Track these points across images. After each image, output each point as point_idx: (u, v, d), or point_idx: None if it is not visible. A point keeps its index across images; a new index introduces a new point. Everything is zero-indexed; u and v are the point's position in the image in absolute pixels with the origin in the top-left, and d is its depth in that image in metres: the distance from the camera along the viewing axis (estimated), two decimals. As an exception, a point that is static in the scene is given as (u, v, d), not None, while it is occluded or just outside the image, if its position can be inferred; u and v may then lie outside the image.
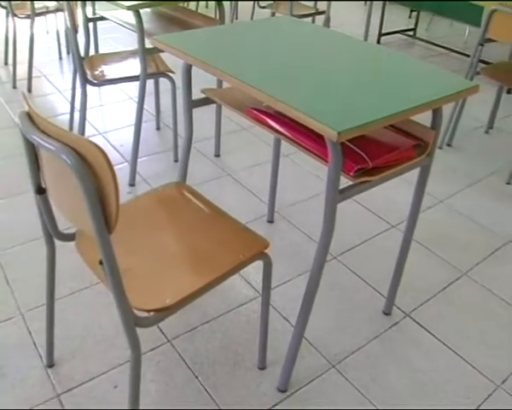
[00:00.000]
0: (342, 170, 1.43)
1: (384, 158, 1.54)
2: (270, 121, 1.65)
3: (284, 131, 1.61)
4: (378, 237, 2.58)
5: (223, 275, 1.42)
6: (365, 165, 1.47)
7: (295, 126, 1.60)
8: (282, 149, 2.94)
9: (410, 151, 1.62)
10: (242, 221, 1.63)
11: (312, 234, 2.53)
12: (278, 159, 2.46)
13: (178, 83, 3.17)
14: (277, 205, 2.66)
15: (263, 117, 1.67)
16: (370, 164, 1.48)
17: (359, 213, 2.74)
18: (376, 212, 2.75)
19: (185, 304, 1.35)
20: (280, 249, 2.43)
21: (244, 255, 1.49)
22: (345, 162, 1.45)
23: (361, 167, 1.47)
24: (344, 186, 1.48)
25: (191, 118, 1.92)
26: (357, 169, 1.45)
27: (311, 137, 1.54)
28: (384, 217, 2.72)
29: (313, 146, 1.52)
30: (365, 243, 2.53)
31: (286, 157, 2.88)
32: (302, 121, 1.34)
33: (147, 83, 2.69)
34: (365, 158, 1.49)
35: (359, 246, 2.51)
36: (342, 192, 1.46)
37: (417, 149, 1.65)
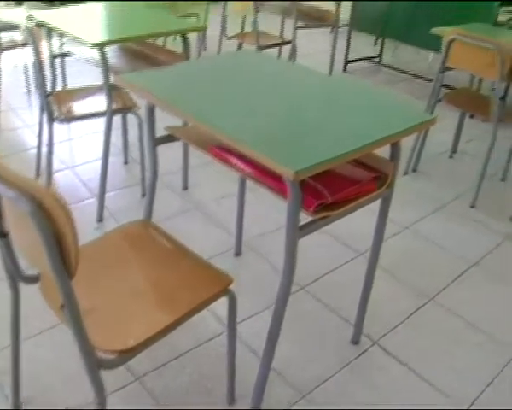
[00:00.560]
0: (302, 206, 1.45)
1: (344, 192, 1.57)
2: (232, 159, 1.68)
3: (246, 168, 1.63)
4: (345, 266, 2.61)
5: (186, 314, 1.43)
6: (325, 200, 1.51)
7: (256, 164, 1.63)
8: (249, 182, 2.96)
9: (371, 184, 1.66)
10: (210, 255, 1.64)
11: (279, 265, 2.53)
12: (244, 191, 2.48)
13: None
14: (245, 237, 2.68)
15: (225, 155, 1.70)
16: (330, 199, 1.52)
17: (326, 241, 2.77)
18: (343, 240, 2.79)
19: (149, 344, 1.36)
20: (247, 282, 2.45)
21: (207, 293, 1.50)
22: (304, 198, 1.48)
23: (321, 203, 1.50)
24: (304, 222, 1.51)
25: (155, 156, 1.94)
26: (317, 205, 1.48)
27: (271, 174, 1.57)
28: (351, 245, 2.76)
29: (273, 183, 1.55)
30: (333, 272, 2.56)
31: (252, 190, 2.92)
32: (261, 161, 1.37)
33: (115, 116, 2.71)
34: (325, 194, 1.53)
35: (327, 275, 2.53)
36: (302, 228, 1.49)
37: (377, 182, 1.69)
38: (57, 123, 2.78)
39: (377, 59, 5.90)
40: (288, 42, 4.22)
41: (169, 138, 1.97)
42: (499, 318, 2.36)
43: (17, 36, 4.07)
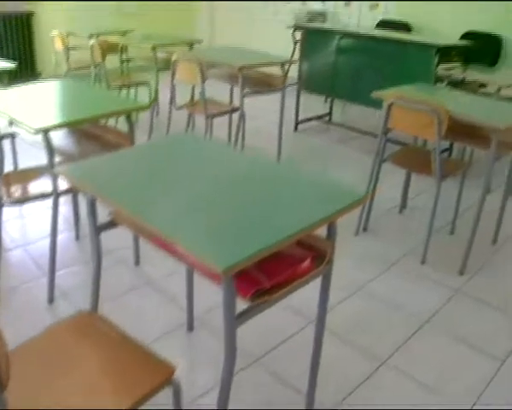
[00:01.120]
0: (238, 294, 1.47)
1: (282, 276, 1.60)
2: (171, 248, 1.69)
3: (184, 258, 1.65)
4: (298, 334, 2.62)
5: (127, 412, 1.42)
6: (262, 286, 1.53)
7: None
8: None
9: (309, 264, 1.70)
10: (163, 331, 1.63)
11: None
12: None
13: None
14: (196, 312, 2.66)
15: (165, 245, 1.72)
16: (267, 285, 1.54)
17: (276, 311, 2.77)
18: (296, 309, 2.80)
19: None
20: (199, 358, 2.44)
21: (150, 385, 1.49)
22: (240, 285, 1.50)
23: (258, 289, 1.52)
24: (242, 309, 1.52)
25: (98, 245, 1.95)
26: (253, 292, 1.50)
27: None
28: (303, 312, 2.77)
29: (210, 274, 1.56)
30: (285, 342, 2.56)
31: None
32: (192, 256, 1.39)
33: (62, 198, 2.71)
34: (262, 279, 1.55)
35: (280, 346, 2.54)
36: (240, 317, 1.50)
37: (316, 260, 1.73)
38: (6, 206, 2.77)
39: (327, 117, 6.06)
40: (237, 108, 4.31)
41: (113, 224, 1.98)
42: (452, 377, 2.39)
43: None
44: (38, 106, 2.76)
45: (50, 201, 2.72)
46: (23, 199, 2.80)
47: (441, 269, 3.23)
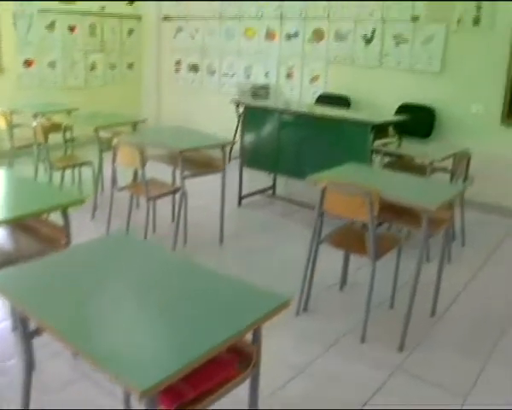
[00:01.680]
0: (160, 405, 1.47)
1: (208, 384, 1.61)
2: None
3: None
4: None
5: None
6: (185, 398, 1.53)
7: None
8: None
9: (234, 369, 1.71)
10: None
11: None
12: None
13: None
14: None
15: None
16: (191, 395, 1.55)
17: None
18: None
19: None
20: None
21: None
22: (163, 397, 1.49)
23: (181, 402, 1.52)
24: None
25: (30, 351, 1.92)
26: (177, 405, 1.50)
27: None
28: None
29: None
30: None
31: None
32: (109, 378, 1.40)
33: None
34: (185, 390, 1.56)
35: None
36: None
37: (244, 363, 1.75)
38: None
39: (271, 190, 6.17)
40: (178, 189, 4.37)
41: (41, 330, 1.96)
42: None
43: None
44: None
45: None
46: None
47: (380, 347, 3.28)
